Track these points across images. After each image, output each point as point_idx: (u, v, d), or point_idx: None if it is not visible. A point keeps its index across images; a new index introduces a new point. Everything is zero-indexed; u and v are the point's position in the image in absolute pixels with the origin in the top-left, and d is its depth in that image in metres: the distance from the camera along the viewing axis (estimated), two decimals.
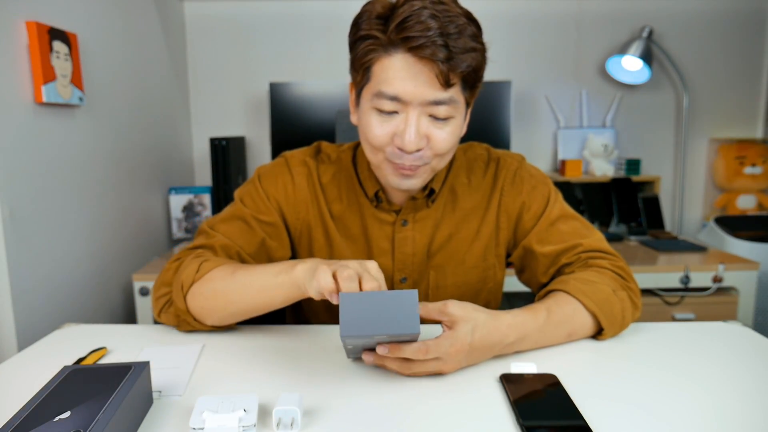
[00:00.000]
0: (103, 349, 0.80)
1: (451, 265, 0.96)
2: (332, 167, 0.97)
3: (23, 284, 1.23)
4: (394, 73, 0.77)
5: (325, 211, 0.95)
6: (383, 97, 0.78)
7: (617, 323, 0.83)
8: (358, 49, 0.80)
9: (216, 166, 1.97)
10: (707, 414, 0.62)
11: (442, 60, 0.75)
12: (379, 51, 0.78)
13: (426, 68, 0.76)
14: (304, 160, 0.97)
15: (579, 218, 0.96)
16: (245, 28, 2.25)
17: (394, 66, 0.77)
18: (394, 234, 0.94)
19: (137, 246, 1.82)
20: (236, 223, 0.93)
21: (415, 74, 0.77)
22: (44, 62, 1.26)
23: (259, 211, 0.94)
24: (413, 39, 0.74)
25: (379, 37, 0.78)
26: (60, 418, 0.52)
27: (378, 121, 0.81)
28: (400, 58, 0.77)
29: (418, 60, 0.76)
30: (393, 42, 0.77)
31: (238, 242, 0.91)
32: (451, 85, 0.77)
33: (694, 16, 2.29)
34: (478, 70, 0.81)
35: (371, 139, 0.82)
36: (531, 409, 0.61)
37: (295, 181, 0.95)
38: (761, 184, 2.30)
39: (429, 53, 0.74)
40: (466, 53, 0.77)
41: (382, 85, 0.78)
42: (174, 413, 0.63)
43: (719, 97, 2.35)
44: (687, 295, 1.74)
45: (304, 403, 0.63)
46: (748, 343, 0.82)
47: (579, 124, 2.35)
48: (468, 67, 0.78)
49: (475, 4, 0.96)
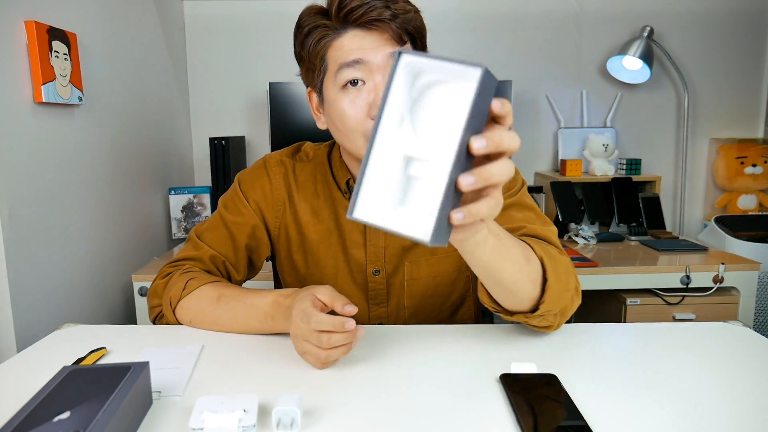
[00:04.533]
0: (102, 350, 0.80)
1: (425, 255, 0.96)
2: (309, 165, 0.99)
3: (23, 284, 1.23)
4: (349, 45, 0.81)
5: (300, 209, 0.98)
6: (346, 67, 0.80)
7: (562, 280, 0.76)
8: (309, 44, 0.84)
9: (216, 166, 1.97)
10: (707, 414, 0.61)
11: (389, 19, 0.79)
12: (329, 36, 0.82)
13: (377, 33, 0.80)
14: (281, 160, 1.00)
15: (536, 210, 0.92)
16: (245, 28, 2.25)
17: (346, 42, 0.81)
18: (366, 226, 0.94)
19: (137, 246, 1.82)
20: (220, 231, 0.97)
21: (369, 41, 0.80)
22: (44, 62, 1.26)
23: (240, 214, 0.97)
24: (356, 11, 0.79)
25: (326, 24, 0.82)
26: (59, 419, 0.52)
27: (348, 101, 0.82)
28: (350, 34, 0.81)
29: (368, 30, 0.80)
30: (340, 23, 0.81)
31: (223, 252, 0.96)
32: (404, 42, 0.81)
33: (695, 15, 2.28)
34: (422, 30, 0.85)
35: (347, 121, 0.83)
36: (531, 409, 0.61)
37: (272, 182, 0.98)
38: (762, 184, 2.30)
39: (375, 15, 0.78)
40: (407, 13, 0.81)
41: (341, 59, 0.81)
42: (174, 413, 0.63)
43: (720, 96, 2.34)
44: (687, 295, 1.73)
45: (304, 403, 0.63)
46: (748, 344, 0.82)
47: (579, 123, 2.35)
48: (414, 27, 0.82)
49: (475, 4, 0.96)
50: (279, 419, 0.58)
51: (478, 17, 2.26)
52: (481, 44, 2.28)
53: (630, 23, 2.27)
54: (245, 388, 0.69)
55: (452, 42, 2.25)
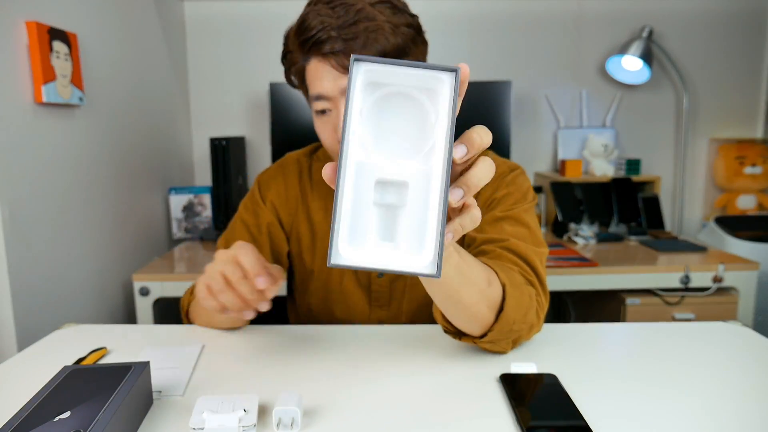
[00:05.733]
0: (103, 349, 0.80)
1: None
2: (326, 162, 0.99)
3: (23, 284, 1.23)
4: (313, 75, 0.82)
5: (313, 207, 0.99)
6: (313, 99, 0.84)
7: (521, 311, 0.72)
8: (289, 66, 0.87)
9: (216, 166, 1.97)
10: (707, 414, 0.62)
11: (341, 51, 0.78)
12: (299, 62, 0.85)
13: (334, 61, 0.79)
14: (297, 159, 1.02)
15: (532, 229, 0.86)
16: (245, 28, 2.25)
17: (311, 71, 0.83)
18: None
19: (137, 246, 1.82)
20: (243, 235, 0.98)
21: (327, 72, 0.80)
22: (44, 62, 1.26)
23: (258, 215, 0.99)
24: (308, 41, 0.79)
25: (297, 49, 0.84)
26: (60, 418, 0.52)
27: (320, 123, 0.86)
28: (312, 63, 0.82)
29: (323, 59, 0.80)
30: (301, 52, 0.83)
31: None
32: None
33: (694, 16, 2.28)
34: (402, 47, 0.80)
35: (324, 140, 0.87)
36: (531, 409, 0.61)
37: (286, 180, 1.00)
38: (761, 184, 2.30)
39: (327, 49, 0.78)
40: (370, 33, 0.77)
41: (310, 89, 0.84)
42: (174, 413, 0.63)
43: (719, 97, 2.35)
44: (687, 295, 1.74)
45: (304, 403, 0.63)
46: (748, 343, 0.82)
47: (579, 124, 2.35)
48: (384, 46, 0.78)
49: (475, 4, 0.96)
50: (279, 419, 0.58)
51: (478, 17, 2.26)
52: (480, 44, 2.28)
53: (629, 23, 2.27)
54: (245, 388, 0.69)
55: (451, 42, 2.25)
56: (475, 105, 2.06)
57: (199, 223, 2.06)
